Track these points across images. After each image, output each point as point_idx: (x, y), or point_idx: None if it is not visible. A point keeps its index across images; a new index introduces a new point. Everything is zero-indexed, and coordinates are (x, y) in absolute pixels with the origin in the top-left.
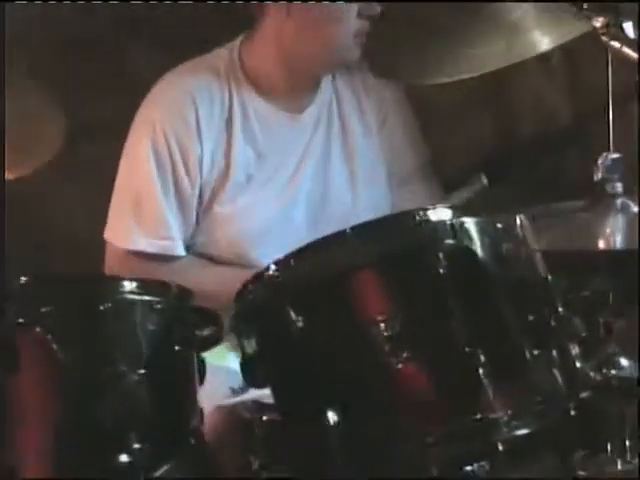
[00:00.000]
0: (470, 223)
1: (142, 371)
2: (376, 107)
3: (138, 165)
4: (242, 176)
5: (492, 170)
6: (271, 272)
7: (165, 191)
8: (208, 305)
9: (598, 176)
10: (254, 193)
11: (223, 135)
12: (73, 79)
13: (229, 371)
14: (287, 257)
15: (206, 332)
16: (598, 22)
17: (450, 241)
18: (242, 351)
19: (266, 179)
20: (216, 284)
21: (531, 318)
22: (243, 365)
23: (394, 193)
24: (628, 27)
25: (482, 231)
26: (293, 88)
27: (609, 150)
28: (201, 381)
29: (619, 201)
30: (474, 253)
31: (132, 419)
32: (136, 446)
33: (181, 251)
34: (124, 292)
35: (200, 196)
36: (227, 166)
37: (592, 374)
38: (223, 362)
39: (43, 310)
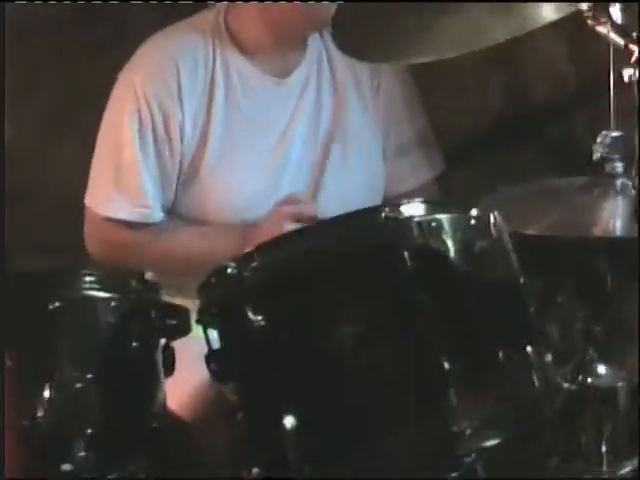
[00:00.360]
0: (440, 220)
1: (90, 375)
2: (370, 70)
3: (119, 131)
4: (224, 141)
5: (499, 137)
6: (230, 270)
7: (146, 158)
8: (194, 269)
9: (597, 155)
10: (238, 160)
11: (205, 99)
12: (73, 44)
13: None
14: (247, 254)
15: (174, 322)
16: (584, 5)
17: (417, 240)
18: (207, 344)
19: (250, 145)
20: (201, 245)
21: (502, 324)
22: (207, 358)
23: (392, 164)
24: (615, 11)
25: (454, 229)
26: (279, 49)
27: (610, 128)
28: (170, 371)
29: (619, 182)
30: (442, 253)
31: (77, 426)
32: (81, 454)
33: (159, 218)
34: (75, 289)
35: (181, 163)
36: (208, 131)
37: (566, 384)
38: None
39: None
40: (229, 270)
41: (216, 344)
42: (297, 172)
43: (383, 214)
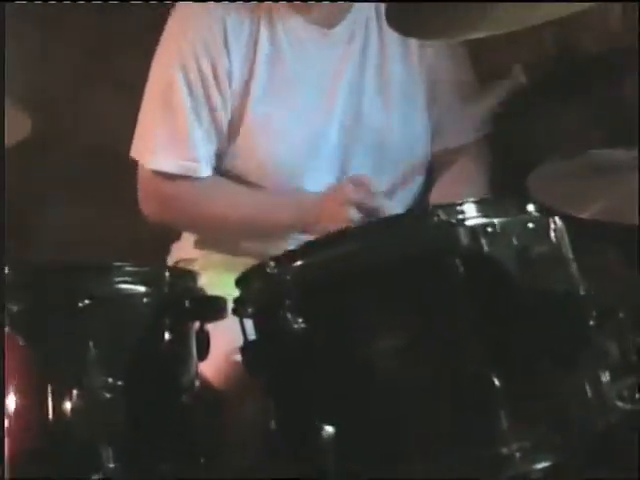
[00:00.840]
0: (495, 225)
1: (120, 377)
2: None
3: (166, 81)
4: (268, 91)
5: (548, 94)
6: (269, 269)
7: (196, 108)
8: (241, 230)
9: None
10: (283, 109)
11: (251, 48)
12: None
13: None
14: (288, 254)
15: (210, 311)
16: None
17: (469, 246)
18: (243, 335)
19: (294, 95)
20: (249, 207)
21: (559, 338)
22: (242, 349)
23: (436, 120)
24: None
25: (510, 234)
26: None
27: None
28: (204, 356)
29: None
30: (496, 260)
31: (107, 435)
32: (110, 465)
33: (206, 173)
34: (106, 284)
35: (230, 113)
36: (251, 81)
37: (621, 403)
38: None
39: (14, 309)
40: (268, 270)
41: (251, 335)
42: (340, 126)
43: (436, 217)
